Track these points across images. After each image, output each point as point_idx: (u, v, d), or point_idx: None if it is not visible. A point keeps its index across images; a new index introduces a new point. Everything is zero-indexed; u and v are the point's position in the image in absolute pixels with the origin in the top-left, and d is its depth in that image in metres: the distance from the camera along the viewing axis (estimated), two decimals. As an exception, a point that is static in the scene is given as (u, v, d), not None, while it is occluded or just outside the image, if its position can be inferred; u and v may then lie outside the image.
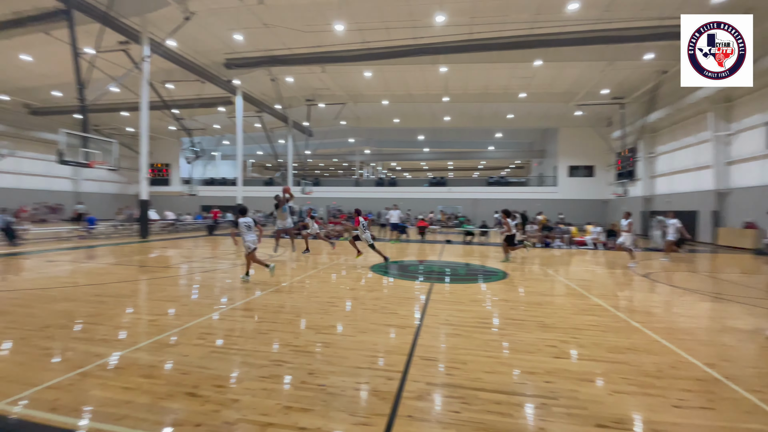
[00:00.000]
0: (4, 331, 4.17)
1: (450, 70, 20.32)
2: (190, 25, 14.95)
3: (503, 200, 29.23)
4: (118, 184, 34.12)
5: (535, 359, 3.62)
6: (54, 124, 26.08)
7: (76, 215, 22.73)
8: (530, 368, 3.41)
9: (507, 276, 8.42)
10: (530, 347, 3.93)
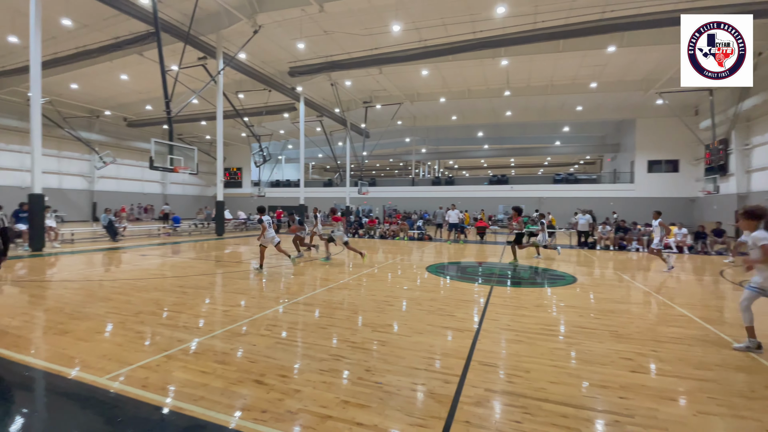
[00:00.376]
0: (107, 315, 4.81)
1: (512, 62, 19.42)
2: (258, 37, 16.05)
3: (571, 199, 27.29)
4: (198, 187, 37.78)
5: (607, 372, 3.31)
6: (146, 135, 29.69)
7: (163, 215, 25.67)
8: (602, 381, 3.12)
9: (575, 280, 7.82)
10: (602, 359, 3.61)
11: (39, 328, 4.33)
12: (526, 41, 15.72)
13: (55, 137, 24.47)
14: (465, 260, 11.00)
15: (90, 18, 15.49)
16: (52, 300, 5.58)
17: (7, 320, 4.54)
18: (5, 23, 15.16)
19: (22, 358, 3.44)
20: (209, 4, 14.77)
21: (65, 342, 3.84)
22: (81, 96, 24.95)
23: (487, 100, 26.19)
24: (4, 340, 3.85)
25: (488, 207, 29.99)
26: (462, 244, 15.65)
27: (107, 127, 29.51)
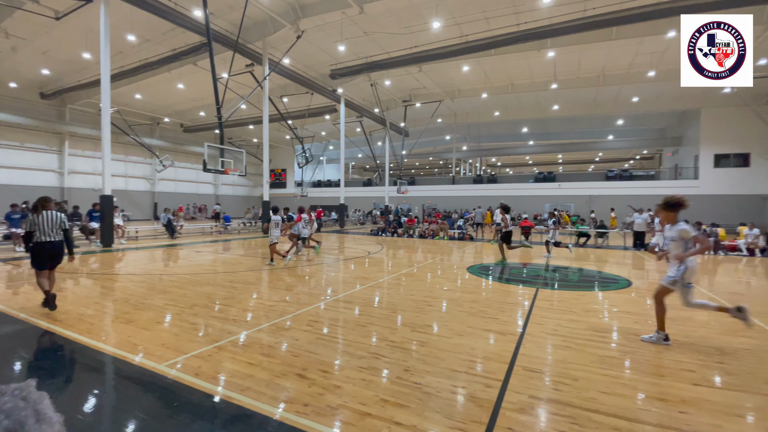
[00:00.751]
0: (166, 307, 5.20)
1: (559, 54, 18.46)
2: (300, 42, 16.57)
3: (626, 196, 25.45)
4: (246, 188, 39.76)
5: (666, 384, 3.06)
6: (200, 139, 31.71)
7: (215, 214, 27.33)
8: (659, 393, 2.88)
9: (630, 284, 7.29)
10: (660, 369, 3.34)
11: (108, 317, 4.77)
12: (575, 30, 14.87)
13: (122, 143, 26.86)
14: (508, 261, 10.64)
15: (151, 33, 16.82)
16: (119, 292, 6.14)
17: (83, 309, 5.06)
18: (81, 42, 16.87)
19: (95, 343, 3.81)
20: (256, 13, 15.47)
21: (130, 330, 4.21)
22: (143, 105, 27.21)
23: (532, 94, 25.14)
24: (80, 327, 4.29)
25: (534, 206, 28.79)
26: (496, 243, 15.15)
27: (166, 132, 31.91)
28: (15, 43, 17.13)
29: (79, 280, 7.09)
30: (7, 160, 23.05)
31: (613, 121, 30.45)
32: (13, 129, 23.06)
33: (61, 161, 25.57)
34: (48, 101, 24.34)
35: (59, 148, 25.50)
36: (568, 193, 28.21)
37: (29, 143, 24.01)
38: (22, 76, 21.54)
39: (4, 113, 22.08)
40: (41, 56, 18.90)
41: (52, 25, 15.34)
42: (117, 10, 13.51)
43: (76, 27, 15.72)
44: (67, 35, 16.56)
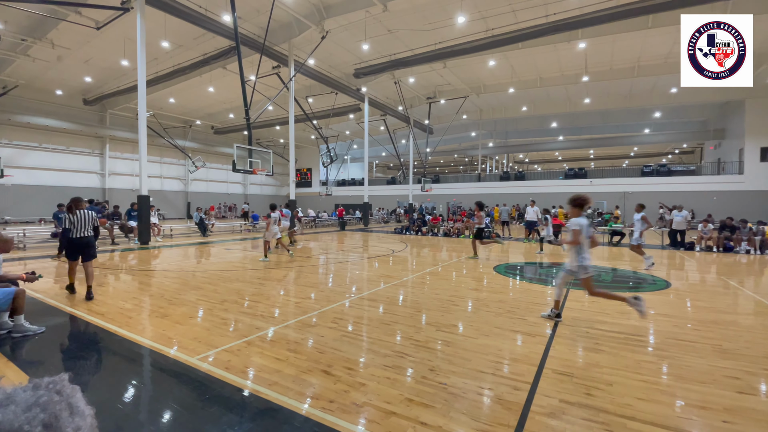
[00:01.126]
0: (198, 302, 5.40)
1: (590, 45, 17.74)
2: (325, 42, 16.75)
3: (664, 193, 24.21)
4: (273, 187, 40.72)
5: (708, 391, 2.87)
6: (230, 141, 32.74)
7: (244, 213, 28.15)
8: (701, 401, 2.71)
9: (669, 285, 6.91)
10: (702, 376, 3.14)
11: (145, 311, 5.01)
12: (608, 20, 14.23)
13: (157, 146, 28.14)
14: (537, 260, 10.34)
15: (183, 39, 17.49)
16: (155, 287, 6.43)
17: (122, 303, 5.33)
18: (119, 50, 17.79)
19: (132, 336, 4.01)
20: (281, 15, 15.77)
21: (165, 324, 4.40)
22: (177, 108, 28.37)
23: (561, 88, 24.30)
24: (119, 320, 4.53)
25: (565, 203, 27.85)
26: (535, 243, 14.74)
27: (198, 135, 33.15)
28: (60, 53, 18.27)
29: (119, 276, 7.49)
30: (55, 162, 24.67)
31: (650, 113, 28.95)
32: (59, 134, 24.66)
33: (102, 163, 27.11)
34: (90, 107, 25.86)
35: (101, 151, 27.04)
36: (601, 190, 27.11)
37: (74, 147, 25.60)
38: (67, 83, 22.97)
39: (51, 119, 23.66)
40: (84, 65, 20.07)
41: (93, 35, 16.25)
42: (152, 18, 14.12)
43: (115, 36, 16.58)
44: (107, 44, 17.50)
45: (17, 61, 18.76)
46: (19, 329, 4.04)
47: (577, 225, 4.45)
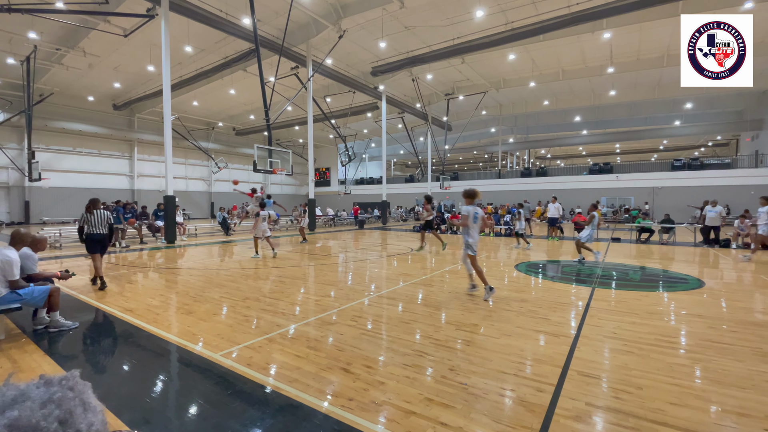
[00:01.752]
0: (221, 300, 5.53)
1: (616, 34, 17.10)
2: (342, 42, 16.82)
3: (697, 188, 23.11)
4: (293, 187, 41.31)
5: (748, 397, 2.71)
6: (250, 142, 33.42)
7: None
8: (740, 408, 2.56)
9: (702, 285, 6.59)
10: (741, 380, 2.96)
11: (171, 308, 5.16)
12: (635, 8, 13.68)
13: (182, 148, 29.02)
14: (560, 258, 10.07)
15: (205, 43, 17.94)
16: (181, 284, 6.62)
17: (150, 300, 5.52)
18: (145, 56, 18.43)
19: (158, 331, 4.14)
20: (299, 16, 15.93)
21: (190, 321, 4.52)
22: (200, 111, 29.17)
23: (585, 80, 23.56)
24: (147, 316, 4.68)
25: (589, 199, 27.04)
26: (557, 240, 14.38)
27: (220, 136, 33.99)
28: (91, 60, 19.09)
29: (147, 274, 7.76)
30: (88, 165, 25.84)
31: (681, 105, 27.67)
32: (91, 138, 25.81)
33: (131, 166, 28.20)
34: (119, 112, 26.93)
35: (129, 153, 28.13)
36: (628, 186, 26.17)
37: (105, 150, 26.74)
38: (97, 90, 24.00)
39: (84, 124, 24.78)
40: (113, 71, 20.90)
41: (121, 42, 16.90)
42: (176, 24, 14.55)
43: (141, 42, 17.18)
44: (134, 50, 18.16)
45: (52, 70, 19.74)
46: (55, 324, 4.25)
47: (466, 212, 5.61)
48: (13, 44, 16.95)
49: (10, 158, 21.61)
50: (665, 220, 14.01)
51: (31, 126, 19.89)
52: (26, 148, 20.58)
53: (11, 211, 22.71)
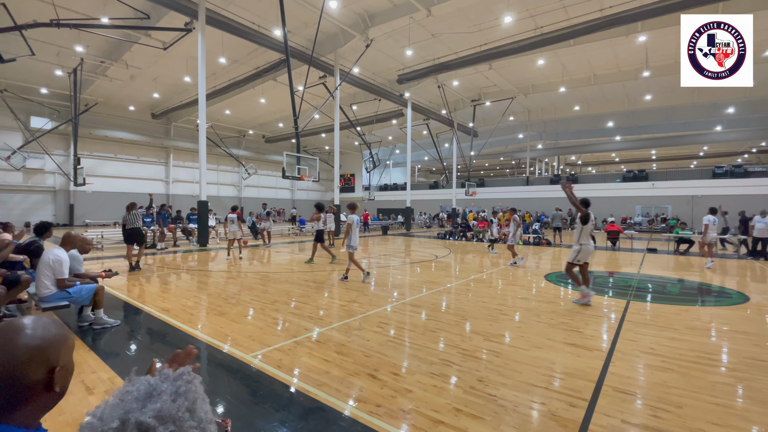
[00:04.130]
0: (251, 302, 5.69)
1: (651, 37, 16.48)
2: (369, 50, 17.07)
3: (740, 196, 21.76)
4: (319, 193, 42.03)
5: (806, 425, 2.52)
6: (279, 149, 34.34)
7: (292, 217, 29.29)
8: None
9: (747, 300, 6.18)
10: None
11: (204, 309, 5.37)
12: (672, 10, 13.16)
13: (214, 154, 30.17)
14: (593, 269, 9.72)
15: (238, 54, 18.68)
16: (213, 286, 6.87)
17: (184, 301, 5.76)
18: (182, 67, 19.39)
19: (193, 331, 4.32)
20: (328, 27, 16.32)
21: (222, 322, 4.68)
22: (232, 119, 30.29)
23: (618, 85, 22.79)
24: (182, 316, 4.89)
25: (623, 207, 26.00)
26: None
27: (250, 144, 35.13)
28: (133, 72, 20.26)
29: (181, 275, 8.10)
30: (127, 171, 27.32)
31: (722, 109, 26.21)
32: (131, 145, 27.30)
33: (167, 172, 29.57)
34: (157, 120, 28.37)
35: (166, 160, 29.52)
36: (665, 194, 24.98)
37: (143, 157, 28.20)
38: (137, 100, 25.42)
39: (125, 132, 26.28)
40: (152, 82, 22.08)
41: (160, 55, 17.85)
42: (211, 37, 15.24)
43: (178, 55, 18.10)
44: (171, 62, 19.14)
45: (96, 81, 21.09)
46: (99, 322, 4.51)
47: (350, 220, 7.27)
48: (61, 57, 18.25)
49: (57, 164, 23.16)
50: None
51: (77, 134, 21.28)
52: (72, 155, 22.01)
53: (57, 213, 24.27)
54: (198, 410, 0.62)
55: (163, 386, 0.61)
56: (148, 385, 0.61)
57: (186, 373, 0.66)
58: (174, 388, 0.61)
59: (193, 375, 0.67)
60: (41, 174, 23.62)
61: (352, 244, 7.30)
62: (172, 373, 0.65)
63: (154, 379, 0.63)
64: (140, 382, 0.62)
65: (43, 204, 23.82)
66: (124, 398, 0.59)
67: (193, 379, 0.66)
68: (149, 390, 0.60)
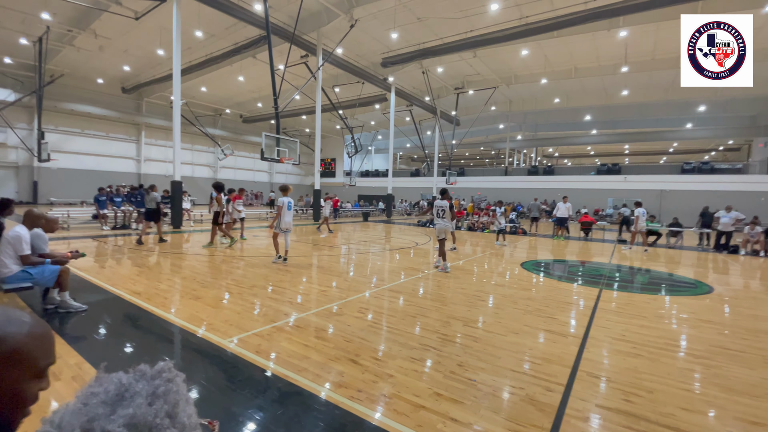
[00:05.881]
0: (228, 287, 5.54)
1: (632, 32, 16.76)
2: (353, 31, 16.61)
3: (705, 192, 22.86)
4: (298, 176, 41.30)
5: (760, 405, 2.68)
6: (257, 130, 33.31)
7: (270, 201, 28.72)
8: (752, 416, 2.54)
9: (711, 290, 6.52)
10: (752, 388, 2.94)
11: (178, 293, 5.18)
12: (654, 6, 13.38)
13: (189, 133, 28.95)
14: (566, 258, 10.01)
15: (215, 29, 17.79)
16: (188, 270, 6.65)
17: (157, 284, 5.55)
18: (155, 39, 18.31)
19: (167, 315, 4.16)
20: (311, 4, 15.73)
21: (198, 306, 4.53)
22: (208, 97, 29.06)
23: (598, 79, 23.20)
24: (155, 300, 4.70)
25: (595, 200, 26.85)
26: (563, 240, 14.30)
27: (227, 123, 33.91)
28: (102, 42, 18.99)
29: (154, 258, 7.80)
30: (95, 148, 25.91)
31: (693, 107, 27.26)
32: (100, 121, 25.84)
33: (138, 150, 28.23)
34: (128, 95, 26.88)
35: (137, 137, 28.14)
36: (636, 187, 25.92)
37: (113, 133, 26.77)
38: (107, 72, 23.94)
39: (93, 106, 24.79)
40: (123, 54, 20.81)
41: (132, 25, 16.77)
42: (187, 8, 14.41)
43: (152, 26, 17.06)
44: (144, 34, 18.04)
45: (63, 51, 19.67)
46: (64, 305, 4.27)
47: (281, 202, 7.45)
48: (26, 24, 16.89)
49: (20, 138, 21.67)
50: (673, 224, 13.87)
51: (42, 107, 19.92)
52: (36, 129, 20.65)
53: (20, 190, 22.86)
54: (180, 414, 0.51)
55: (137, 386, 0.51)
56: (119, 385, 0.50)
57: (166, 369, 0.55)
58: (151, 388, 0.51)
59: (175, 372, 0.57)
60: (3, 149, 22.11)
61: (282, 227, 7.50)
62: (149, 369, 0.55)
63: (127, 377, 0.52)
64: (109, 380, 0.51)
65: (4, 180, 22.37)
66: (88, 401, 0.48)
67: (175, 377, 0.55)
68: (120, 391, 0.49)
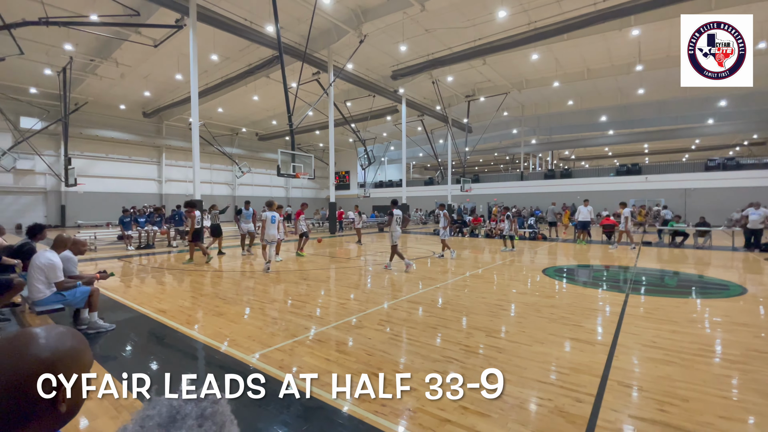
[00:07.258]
0: (250, 302, 5.63)
1: (645, 31, 16.53)
2: (363, 46, 16.95)
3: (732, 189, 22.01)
4: (313, 190, 41.84)
5: (812, 415, 2.53)
6: (273, 147, 34.06)
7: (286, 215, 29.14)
8: (804, 427, 2.39)
9: (744, 291, 6.24)
10: (800, 396, 2.77)
11: (202, 310, 5.29)
12: (666, 3, 13.21)
13: (207, 153, 29.83)
14: (590, 263, 9.76)
15: (230, 51, 18.45)
16: (210, 286, 6.78)
17: (182, 301, 5.68)
18: (174, 65, 19.11)
19: (191, 332, 4.24)
20: (321, 23, 16.16)
21: (221, 322, 4.61)
22: (224, 117, 29.98)
23: (611, 79, 22.88)
24: (180, 317, 4.81)
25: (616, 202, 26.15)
26: (585, 244, 13.97)
27: (244, 142, 34.82)
28: (123, 70, 19.94)
29: (177, 275, 7.99)
30: (119, 171, 26.96)
31: (714, 102, 26.46)
32: (123, 145, 26.93)
33: (159, 171, 29.22)
34: (149, 119, 27.99)
35: (158, 159, 29.16)
36: (658, 187, 25.18)
37: (135, 156, 27.83)
38: (128, 98, 25.04)
39: (116, 132, 25.90)
40: (143, 80, 21.76)
41: (151, 52, 17.58)
42: (202, 34, 15.02)
43: (170, 52, 17.83)
44: (163, 60, 18.86)
45: (86, 80, 20.74)
46: (93, 326, 4.41)
47: (265, 216, 8.42)
48: (50, 56, 17.90)
49: (48, 165, 22.78)
50: (700, 224, 13.37)
51: (68, 134, 20.92)
52: (63, 155, 21.66)
53: (48, 215, 23.91)
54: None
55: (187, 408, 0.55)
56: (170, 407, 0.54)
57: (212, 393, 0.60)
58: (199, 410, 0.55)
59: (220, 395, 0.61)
60: (32, 175, 23.22)
61: (266, 238, 8.27)
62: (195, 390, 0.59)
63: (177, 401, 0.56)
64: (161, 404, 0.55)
65: (34, 205, 23.44)
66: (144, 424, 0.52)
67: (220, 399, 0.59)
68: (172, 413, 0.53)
